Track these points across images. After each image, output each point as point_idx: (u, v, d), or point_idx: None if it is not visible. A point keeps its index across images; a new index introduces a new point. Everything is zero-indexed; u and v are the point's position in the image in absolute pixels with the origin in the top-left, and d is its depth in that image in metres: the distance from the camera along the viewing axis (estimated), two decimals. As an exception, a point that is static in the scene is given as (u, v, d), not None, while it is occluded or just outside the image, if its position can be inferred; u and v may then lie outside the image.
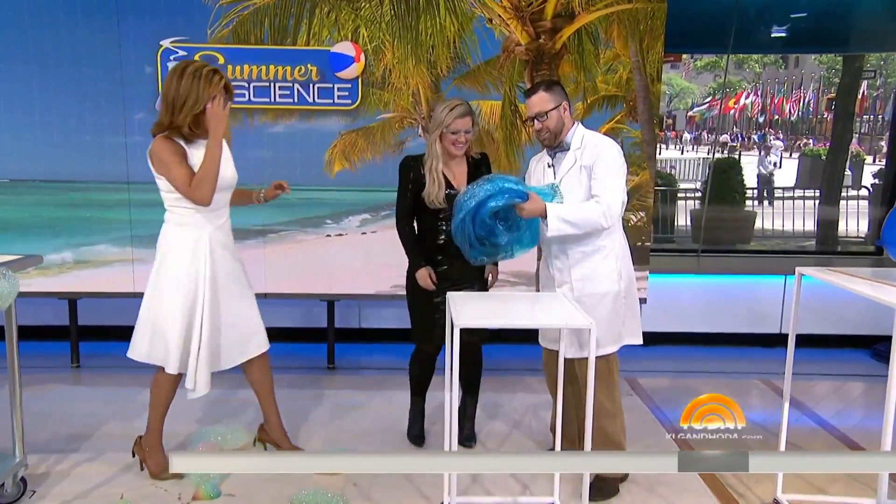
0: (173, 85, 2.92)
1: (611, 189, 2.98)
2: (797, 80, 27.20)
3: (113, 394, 4.27)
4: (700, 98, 28.26)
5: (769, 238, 9.39)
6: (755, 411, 4.28)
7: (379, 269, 4.56)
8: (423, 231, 3.47)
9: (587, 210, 2.96)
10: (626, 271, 3.14)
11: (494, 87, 4.46)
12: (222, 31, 4.36)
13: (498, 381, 4.51)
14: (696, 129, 28.75)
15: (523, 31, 4.37)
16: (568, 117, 3.11)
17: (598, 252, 3.08)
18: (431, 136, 3.36)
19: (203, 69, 2.94)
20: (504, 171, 4.49)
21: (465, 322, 2.44)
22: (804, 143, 22.45)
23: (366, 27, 4.36)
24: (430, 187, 3.34)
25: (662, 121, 31.13)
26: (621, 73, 4.43)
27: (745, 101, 26.52)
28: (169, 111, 2.94)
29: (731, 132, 28.22)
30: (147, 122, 4.38)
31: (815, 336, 5.08)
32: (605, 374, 3.10)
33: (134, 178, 4.46)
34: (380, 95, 4.44)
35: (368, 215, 4.58)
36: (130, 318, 5.03)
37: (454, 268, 3.41)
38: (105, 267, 4.56)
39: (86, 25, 4.33)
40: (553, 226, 2.91)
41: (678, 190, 9.59)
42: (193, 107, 2.92)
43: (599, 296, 3.07)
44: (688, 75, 27.88)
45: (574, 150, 3.09)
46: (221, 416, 3.95)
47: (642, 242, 4.62)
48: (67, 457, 3.40)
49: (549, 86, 3.12)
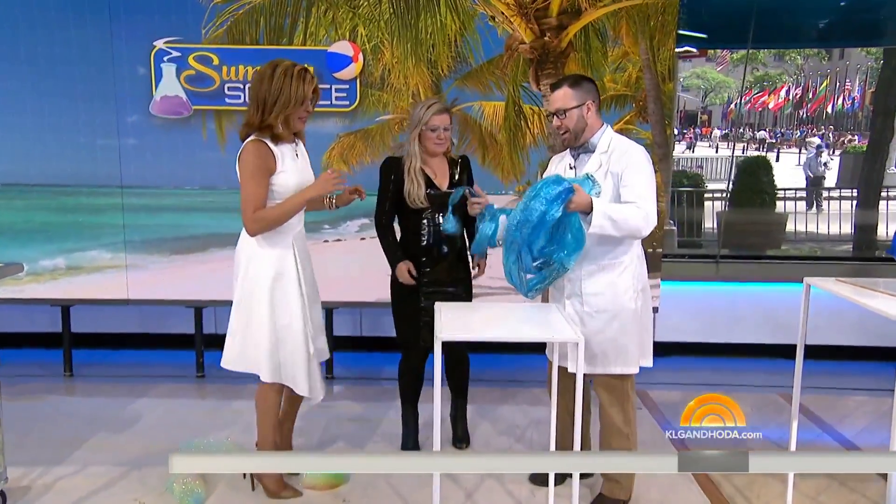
0: (264, 84, 2.98)
1: (646, 197, 2.91)
2: (842, 72, 26.83)
3: (104, 404, 4.36)
4: (737, 92, 28.03)
5: (803, 242, 9.32)
6: (770, 428, 4.24)
7: (378, 276, 4.56)
8: (407, 232, 3.57)
9: (630, 212, 2.86)
10: (642, 290, 3.09)
11: (497, 88, 4.49)
12: (217, 30, 4.43)
13: (502, 393, 4.54)
14: (732, 125, 28.50)
15: (527, 29, 4.39)
16: (593, 117, 3.03)
17: (615, 267, 3.02)
18: (410, 136, 3.48)
19: (294, 68, 3.00)
20: (507, 173, 4.53)
21: (447, 335, 2.48)
22: (848, 139, 22.16)
23: (364, 26, 4.41)
24: (408, 186, 3.44)
25: (697, 117, 31.02)
26: (631, 72, 4.43)
27: (785, 94, 26.27)
28: (259, 111, 2.99)
29: (769, 128, 27.97)
30: (141, 124, 4.51)
31: (843, 347, 5.03)
32: (621, 394, 3.09)
33: (127, 182, 4.56)
34: (379, 96, 4.49)
35: (367, 220, 4.60)
36: (124, 325, 5.22)
37: (438, 269, 3.53)
38: (98, 273, 4.65)
39: (78, 25, 4.42)
40: (597, 222, 2.79)
41: (705, 190, 9.53)
42: (286, 106, 2.98)
43: (612, 314, 3.01)
44: (724, 69, 27.70)
45: (600, 154, 3.02)
46: (214, 427, 4.01)
47: (654, 249, 4.61)
48: (51, 469, 3.47)
49: (576, 82, 3.05)
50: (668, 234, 7.64)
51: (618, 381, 3.04)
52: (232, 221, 4.65)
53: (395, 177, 3.49)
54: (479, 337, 2.89)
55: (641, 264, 3.12)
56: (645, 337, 3.13)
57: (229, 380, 4.80)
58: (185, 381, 4.83)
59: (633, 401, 3.14)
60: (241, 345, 3.13)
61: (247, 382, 4.70)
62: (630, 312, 3.02)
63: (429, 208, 3.48)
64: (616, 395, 3.06)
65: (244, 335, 3.12)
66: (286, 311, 3.08)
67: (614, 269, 3.02)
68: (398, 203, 3.51)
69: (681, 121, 30.08)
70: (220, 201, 4.60)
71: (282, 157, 3.03)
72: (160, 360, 5.14)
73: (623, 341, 3.01)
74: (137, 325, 5.19)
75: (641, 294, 3.06)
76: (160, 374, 4.89)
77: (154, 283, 4.66)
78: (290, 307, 3.08)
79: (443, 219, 3.44)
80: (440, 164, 3.54)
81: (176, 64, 4.45)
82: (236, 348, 3.15)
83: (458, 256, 3.60)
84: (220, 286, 4.63)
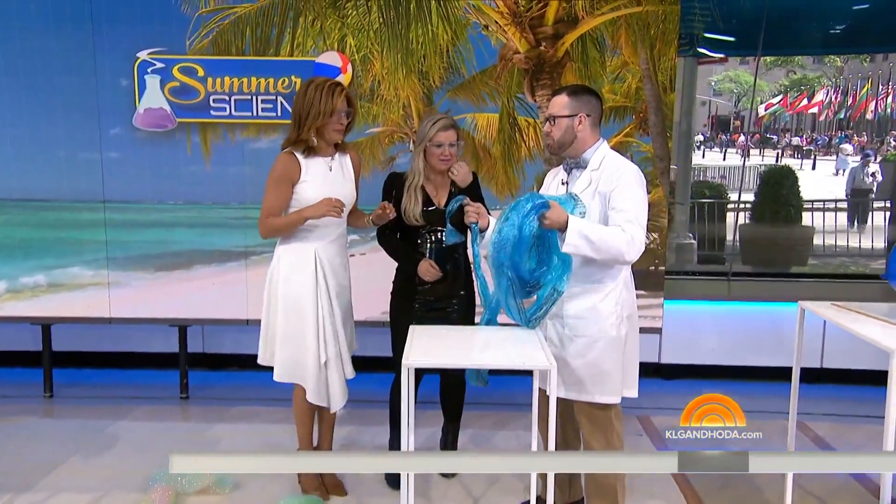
0: (298, 101, 3.38)
1: (635, 221, 2.93)
2: (884, 75, 26.57)
3: (83, 426, 4.44)
4: (770, 97, 27.89)
5: (833, 258, 9.21)
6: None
7: (367, 295, 4.63)
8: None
9: (611, 234, 2.89)
10: (628, 316, 3.10)
11: (491, 99, 4.55)
12: (202, 41, 4.53)
13: (497, 418, 4.57)
14: (765, 131, 28.33)
15: (522, 38, 4.45)
16: (586, 131, 3.07)
17: (599, 290, 3.03)
18: (415, 152, 3.56)
19: (325, 83, 3.36)
20: (502, 188, 4.57)
21: (413, 360, 2.53)
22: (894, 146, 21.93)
23: (353, 36, 4.49)
24: (406, 202, 3.53)
25: (730, 122, 30.85)
26: (630, 82, 4.47)
27: (822, 98, 26.08)
28: (296, 126, 3.39)
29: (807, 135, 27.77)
30: (124, 137, 4.62)
31: (869, 372, 5.00)
32: (603, 423, 3.10)
33: (110, 197, 4.66)
34: (368, 108, 4.56)
35: (357, 236, 4.67)
36: (107, 345, 5.32)
37: (435, 290, 3.59)
38: (80, 290, 4.74)
39: (59, 35, 4.52)
40: (570, 240, 2.82)
41: (728, 201, 9.48)
42: (316, 119, 3.33)
43: (592, 339, 3.03)
44: (758, 71, 27.57)
45: (591, 171, 3.06)
46: (194, 451, 4.06)
47: (656, 266, 4.63)
48: (20, 496, 3.54)
49: (575, 91, 3.10)
50: (687, 249, 7.65)
51: (599, 410, 3.06)
52: (217, 237, 4.78)
53: (397, 193, 3.58)
54: (445, 364, 2.93)
55: (628, 290, 3.12)
56: (630, 366, 3.14)
57: (214, 401, 4.94)
58: (169, 402, 4.91)
59: (618, 431, 3.13)
60: (266, 342, 3.53)
61: (233, 405, 4.84)
62: (612, 339, 3.03)
63: (425, 226, 3.56)
64: (598, 425, 3.08)
65: (266, 332, 3.53)
66: (296, 313, 3.41)
67: (597, 292, 3.03)
68: (398, 219, 3.57)
69: (713, 126, 29.95)
70: (204, 216, 4.70)
71: (307, 168, 3.39)
72: (143, 381, 5.23)
73: (604, 368, 3.03)
74: (120, 343, 5.29)
75: (626, 321, 3.07)
76: (143, 395, 4.97)
77: (137, 300, 4.75)
78: (302, 311, 3.40)
79: (440, 236, 3.56)
80: (443, 182, 3.61)
81: (160, 75, 4.55)
82: (263, 345, 3.55)
83: (456, 274, 3.64)
84: (205, 304, 4.76)
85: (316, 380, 3.43)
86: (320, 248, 3.45)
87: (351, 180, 3.53)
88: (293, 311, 3.42)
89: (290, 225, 3.40)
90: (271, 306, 3.49)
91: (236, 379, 5.27)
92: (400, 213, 3.54)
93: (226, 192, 4.66)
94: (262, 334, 3.55)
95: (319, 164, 3.42)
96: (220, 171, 4.64)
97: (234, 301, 4.70)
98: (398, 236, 3.65)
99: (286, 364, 3.45)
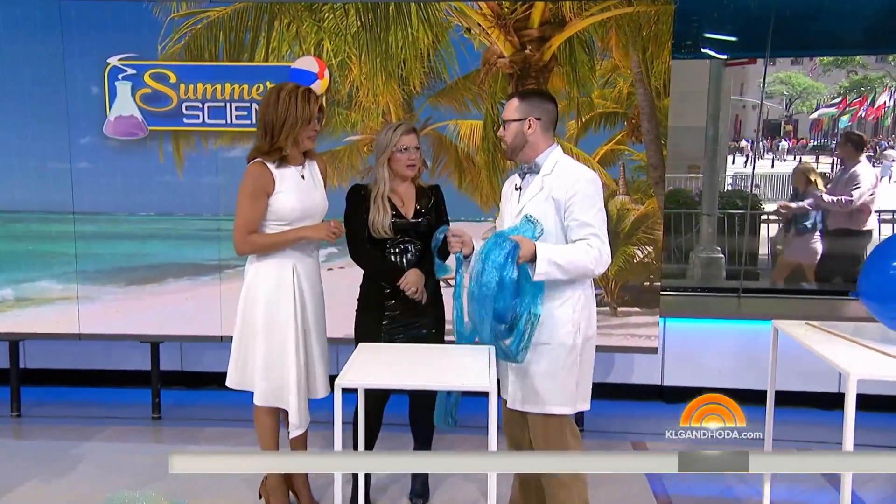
0: (270, 109, 3.46)
1: (599, 235, 3.11)
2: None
3: (48, 447, 4.59)
4: (828, 99, 27.61)
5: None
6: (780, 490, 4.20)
7: (347, 311, 4.75)
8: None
9: (577, 253, 3.07)
10: (585, 326, 3.22)
11: (474, 105, 4.64)
12: (174, 46, 4.68)
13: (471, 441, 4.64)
14: (820, 136, 28.07)
15: (506, 42, 4.55)
16: (537, 135, 3.20)
17: (556, 298, 3.17)
18: (378, 162, 3.66)
19: (298, 90, 3.48)
20: (486, 198, 4.66)
21: (346, 380, 2.62)
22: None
23: (330, 40, 4.62)
24: (373, 214, 3.63)
25: (781, 126, 30.59)
26: (621, 87, 4.54)
27: (885, 100, 25.80)
28: (268, 135, 3.48)
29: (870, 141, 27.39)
30: (94, 146, 4.77)
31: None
32: (556, 436, 3.20)
33: (80, 208, 4.82)
34: (346, 115, 4.68)
35: (335, 249, 4.77)
36: (76, 362, 5.48)
37: (405, 310, 3.69)
38: (48, 305, 4.91)
39: (27, 40, 4.70)
40: (542, 269, 3.01)
41: (760, 212, 9.45)
42: (294, 127, 3.45)
43: (547, 346, 3.17)
44: (813, 72, 27.35)
45: (543, 176, 3.20)
46: (156, 477, 4.11)
47: (650, 282, 4.68)
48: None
49: (524, 95, 3.28)
50: (714, 264, 7.65)
51: (554, 421, 3.16)
52: (190, 250, 4.91)
53: (365, 205, 3.67)
54: (381, 384, 3.01)
55: (588, 300, 3.24)
56: (584, 378, 3.25)
57: (187, 422, 5.07)
58: (140, 422, 5.05)
59: (573, 445, 3.23)
60: (239, 364, 3.62)
61: (207, 425, 4.96)
62: (567, 348, 3.16)
63: (395, 238, 3.67)
64: (550, 437, 3.17)
65: (240, 355, 3.61)
66: (279, 335, 3.52)
67: (555, 299, 3.16)
68: (367, 232, 3.68)
69: (763, 131, 29.70)
70: (177, 228, 4.85)
71: (282, 178, 3.49)
72: (117, 400, 5.38)
73: (558, 376, 3.16)
74: (91, 360, 5.45)
75: (583, 331, 3.19)
76: (114, 414, 5.13)
77: (107, 315, 4.90)
78: (284, 332, 3.51)
79: (409, 247, 3.69)
80: (408, 191, 3.73)
81: (131, 82, 4.71)
82: (235, 367, 3.63)
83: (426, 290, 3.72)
84: (177, 319, 4.89)
85: (297, 404, 3.52)
86: (298, 263, 3.58)
87: (322, 188, 3.69)
88: (276, 335, 3.52)
89: (281, 244, 3.52)
90: (246, 328, 3.58)
91: (214, 398, 5.34)
92: (368, 227, 3.64)
93: (199, 202, 4.79)
94: (235, 357, 3.63)
95: (292, 173, 3.54)
96: (193, 180, 4.78)
97: (208, 317, 4.82)
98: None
99: (270, 391, 3.55)
